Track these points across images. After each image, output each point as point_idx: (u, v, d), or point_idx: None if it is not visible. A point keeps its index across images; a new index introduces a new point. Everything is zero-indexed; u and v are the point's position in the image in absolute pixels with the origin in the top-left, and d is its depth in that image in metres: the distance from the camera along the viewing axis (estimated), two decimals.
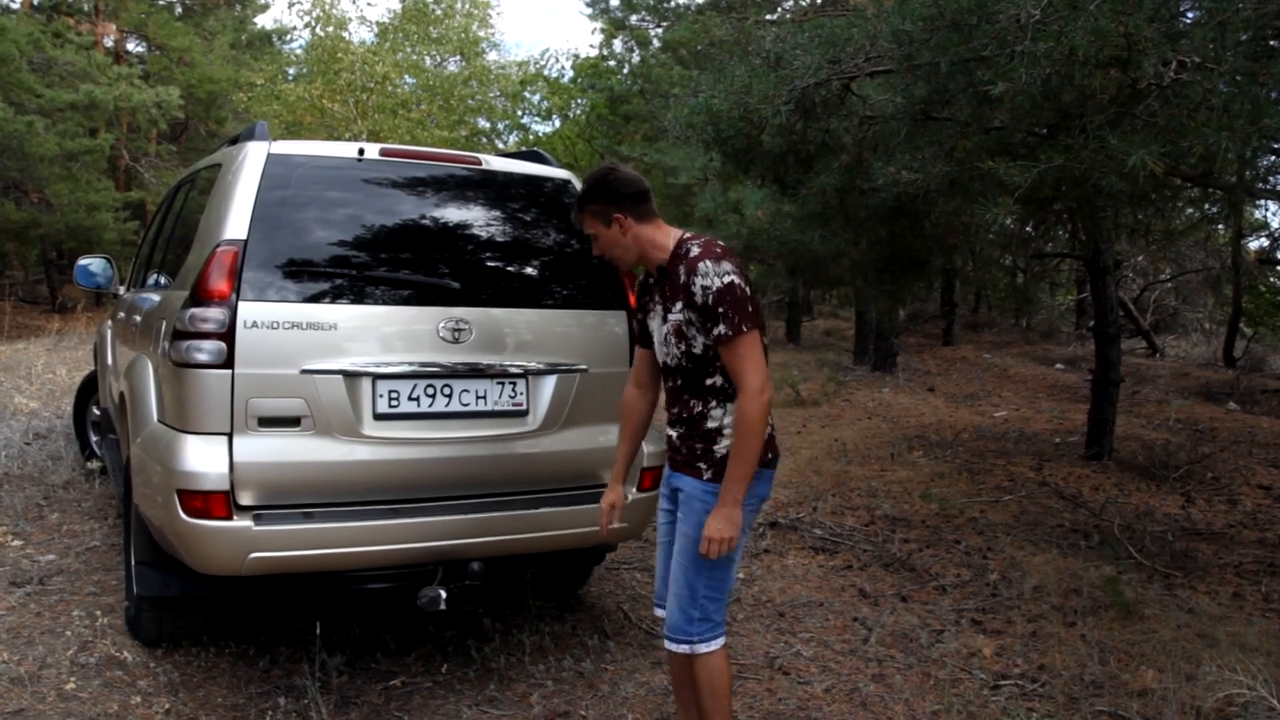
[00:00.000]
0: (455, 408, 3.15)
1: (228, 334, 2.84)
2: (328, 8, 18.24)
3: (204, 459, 2.81)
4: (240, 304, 2.87)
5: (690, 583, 2.54)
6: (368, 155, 3.22)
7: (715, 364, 2.50)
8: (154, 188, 18.01)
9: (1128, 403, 9.52)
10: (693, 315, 2.45)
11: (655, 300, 2.62)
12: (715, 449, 2.51)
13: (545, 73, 25.82)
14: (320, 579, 3.02)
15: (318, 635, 3.40)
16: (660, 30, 18.22)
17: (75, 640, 3.49)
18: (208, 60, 19.21)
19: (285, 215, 3.02)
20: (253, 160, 3.05)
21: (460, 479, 3.17)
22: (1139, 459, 7.06)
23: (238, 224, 2.94)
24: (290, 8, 33.44)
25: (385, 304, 3.11)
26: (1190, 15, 3.63)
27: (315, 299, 3.00)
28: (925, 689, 3.44)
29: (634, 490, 3.39)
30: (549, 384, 3.31)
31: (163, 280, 3.90)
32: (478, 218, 3.41)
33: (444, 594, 3.04)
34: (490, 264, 3.39)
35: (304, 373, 2.92)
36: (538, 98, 25.45)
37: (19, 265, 20.33)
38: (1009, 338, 17.90)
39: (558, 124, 26.80)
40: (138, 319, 3.89)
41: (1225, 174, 4.91)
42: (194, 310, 2.86)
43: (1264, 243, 13.73)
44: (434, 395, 3.12)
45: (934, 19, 3.65)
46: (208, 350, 2.84)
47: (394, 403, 3.05)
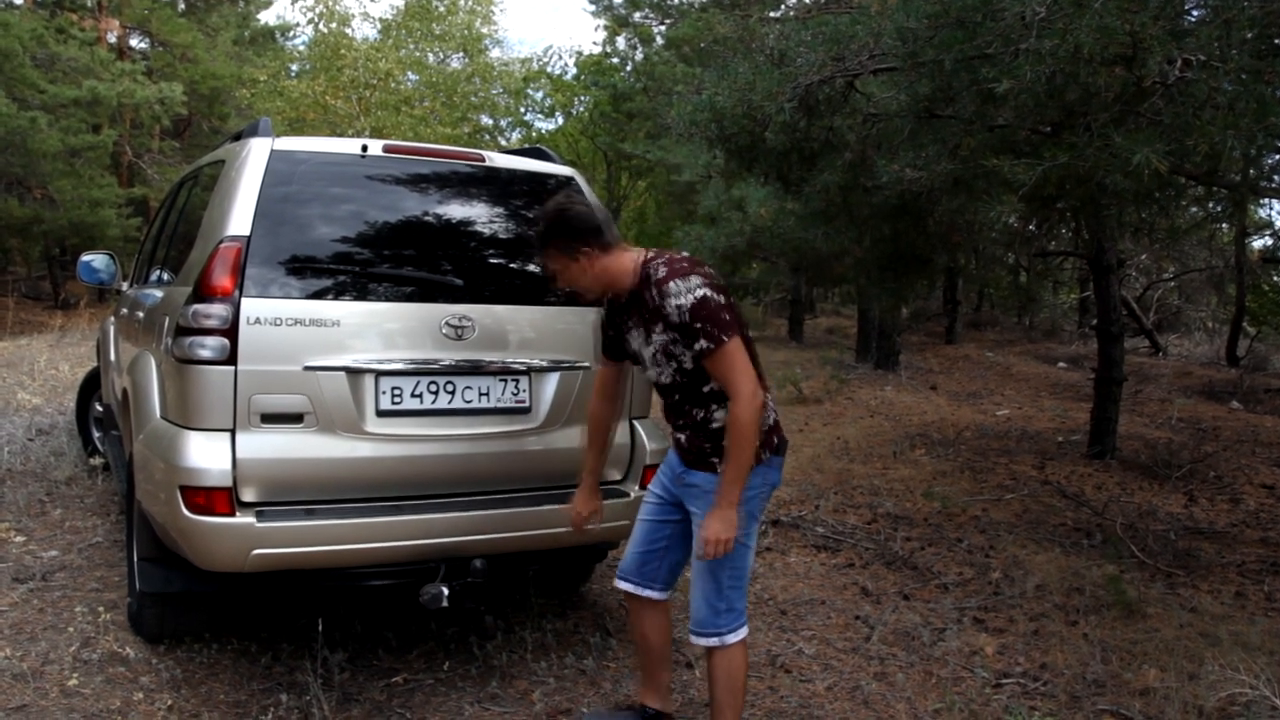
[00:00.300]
0: (458, 405, 3.14)
1: (231, 330, 2.84)
2: (331, 4, 18.25)
3: (207, 455, 2.81)
4: (243, 300, 2.86)
5: (714, 574, 2.61)
6: (371, 152, 3.21)
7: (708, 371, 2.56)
8: (157, 184, 18.06)
9: (1130, 401, 9.51)
10: (675, 334, 2.53)
11: (631, 322, 2.68)
12: (726, 444, 2.56)
13: (548, 70, 25.82)
14: (322, 576, 3.02)
15: (320, 632, 3.40)
16: (663, 27, 18.23)
17: (78, 636, 3.50)
18: (211, 56, 19.25)
19: (288, 212, 3.02)
20: (256, 157, 3.05)
21: (463, 476, 3.17)
22: (1141, 458, 7.05)
23: (241, 220, 2.93)
24: (293, 4, 33.53)
25: (388, 301, 3.10)
26: (1195, 13, 3.62)
27: (318, 295, 2.99)
28: (927, 687, 3.44)
29: (635, 487, 3.39)
30: (552, 381, 3.30)
31: (166, 276, 3.89)
32: (481, 215, 3.40)
33: (446, 591, 3.03)
34: (493, 261, 3.38)
35: (307, 369, 2.92)
36: (541, 95, 25.44)
37: (22, 261, 20.38)
38: (1012, 336, 17.88)
39: (561, 121, 26.78)
40: (140, 315, 3.88)
41: (1230, 172, 4.91)
42: (197, 306, 2.86)
43: (1268, 241, 13.74)
44: (437, 392, 3.11)
45: (938, 16, 3.65)
46: (211, 346, 2.83)
47: (397, 400, 3.05)
